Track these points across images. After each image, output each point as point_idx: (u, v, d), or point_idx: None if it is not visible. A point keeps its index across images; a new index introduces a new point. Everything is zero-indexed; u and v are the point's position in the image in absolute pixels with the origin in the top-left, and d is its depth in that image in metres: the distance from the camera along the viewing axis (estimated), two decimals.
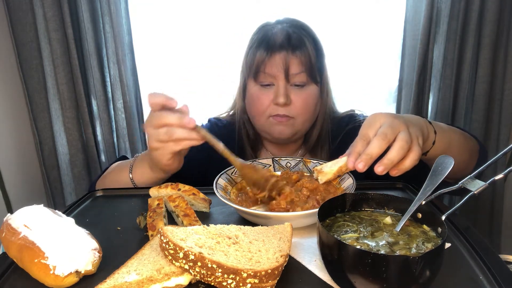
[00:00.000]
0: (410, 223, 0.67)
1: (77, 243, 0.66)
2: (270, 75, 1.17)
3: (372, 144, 0.81)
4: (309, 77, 1.17)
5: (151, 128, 0.93)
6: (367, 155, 0.81)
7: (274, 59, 1.15)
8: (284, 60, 1.14)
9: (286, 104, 1.16)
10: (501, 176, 0.65)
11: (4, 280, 0.67)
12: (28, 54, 1.70)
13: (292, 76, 1.16)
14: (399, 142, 0.81)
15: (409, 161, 0.83)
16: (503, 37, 1.56)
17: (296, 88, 1.18)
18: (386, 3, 1.71)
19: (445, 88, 1.66)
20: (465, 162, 1.08)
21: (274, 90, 1.17)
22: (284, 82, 1.16)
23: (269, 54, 1.16)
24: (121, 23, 1.65)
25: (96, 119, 1.82)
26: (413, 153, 0.84)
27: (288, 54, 1.15)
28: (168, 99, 0.91)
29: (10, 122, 1.70)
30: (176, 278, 0.62)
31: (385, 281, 0.54)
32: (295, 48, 1.15)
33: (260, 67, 1.17)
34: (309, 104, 1.20)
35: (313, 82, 1.19)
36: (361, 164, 0.81)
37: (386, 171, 0.82)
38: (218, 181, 0.91)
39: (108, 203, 0.99)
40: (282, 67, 1.14)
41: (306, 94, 1.19)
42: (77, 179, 1.83)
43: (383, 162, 0.81)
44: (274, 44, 1.16)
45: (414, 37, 1.63)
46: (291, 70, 1.15)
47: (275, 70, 1.15)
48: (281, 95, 1.15)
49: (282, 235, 0.69)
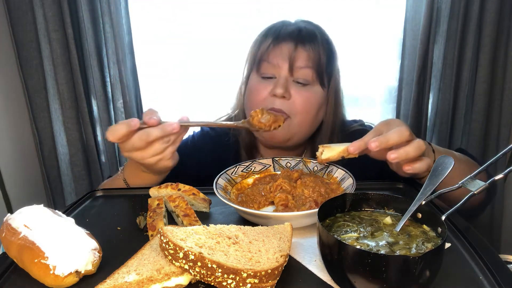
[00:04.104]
0: (410, 223, 0.67)
1: (77, 243, 0.66)
2: (273, 65, 1.10)
3: (391, 132, 0.82)
4: (315, 74, 1.10)
5: (138, 152, 0.89)
6: (384, 137, 0.81)
7: (280, 48, 1.10)
8: (290, 50, 1.08)
9: (284, 97, 1.08)
10: (501, 176, 0.65)
11: (4, 280, 0.67)
12: (28, 54, 1.70)
13: (296, 69, 1.08)
14: (416, 143, 0.82)
15: (419, 164, 0.84)
16: (503, 37, 1.56)
17: (299, 86, 1.10)
18: (386, 3, 1.71)
19: (445, 88, 1.66)
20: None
21: (275, 82, 1.10)
22: (287, 74, 1.09)
23: (275, 42, 1.10)
24: (121, 23, 1.65)
25: (96, 119, 1.82)
26: (425, 161, 0.84)
27: (296, 45, 1.08)
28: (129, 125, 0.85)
29: (10, 122, 1.70)
30: (176, 278, 0.62)
31: (385, 281, 0.54)
32: (305, 41, 1.09)
33: (264, 56, 1.11)
34: (310, 105, 1.11)
35: (318, 83, 1.12)
36: (375, 144, 0.80)
37: (397, 161, 0.82)
38: (218, 181, 0.91)
39: (108, 203, 0.99)
40: (287, 57, 1.08)
41: (309, 94, 1.11)
42: (77, 179, 1.83)
43: (398, 151, 0.81)
44: (283, 32, 1.10)
45: (414, 37, 1.63)
46: (296, 62, 1.08)
47: (279, 60, 1.09)
48: (280, 85, 1.07)
49: (282, 235, 0.69)
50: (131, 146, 0.88)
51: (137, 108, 1.82)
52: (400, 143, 0.82)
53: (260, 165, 1.03)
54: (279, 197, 0.86)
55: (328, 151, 0.89)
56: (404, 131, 0.82)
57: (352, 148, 0.85)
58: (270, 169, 1.03)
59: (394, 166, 0.95)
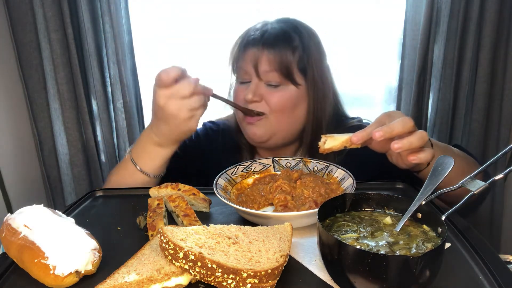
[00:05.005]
0: (410, 223, 0.67)
1: (77, 243, 0.66)
2: (245, 72, 1.15)
3: (395, 122, 0.82)
4: (282, 76, 1.11)
5: (179, 101, 0.94)
6: (388, 127, 0.81)
7: (247, 54, 1.14)
8: (254, 56, 1.11)
9: (254, 101, 1.12)
10: (501, 176, 0.65)
11: (4, 280, 0.67)
12: (28, 54, 1.70)
13: (263, 73, 1.12)
14: (419, 133, 0.83)
15: (424, 154, 0.84)
16: (503, 37, 1.56)
17: (271, 87, 1.13)
18: (386, 3, 1.71)
19: (445, 88, 1.66)
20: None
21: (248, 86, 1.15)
22: (257, 80, 1.13)
23: (242, 49, 1.15)
24: (121, 23, 1.65)
25: (96, 119, 1.82)
26: (429, 151, 0.85)
27: (258, 51, 1.11)
28: (181, 68, 0.95)
29: (10, 122, 1.70)
30: (176, 278, 0.62)
31: (385, 281, 0.54)
32: (267, 45, 1.11)
33: (237, 62, 1.17)
34: (284, 104, 1.13)
35: (290, 83, 1.13)
36: (379, 133, 0.80)
37: (401, 151, 0.82)
38: (218, 181, 0.91)
39: (108, 203, 0.99)
40: (252, 63, 1.12)
41: (281, 94, 1.13)
42: (77, 179, 1.83)
43: (402, 141, 0.81)
44: (248, 40, 1.14)
45: (414, 37, 1.63)
46: (261, 67, 1.11)
47: (247, 66, 1.13)
48: (249, 90, 1.12)
49: (282, 235, 0.69)
50: (176, 91, 0.94)
51: (137, 108, 1.82)
52: (404, 133, 0.83)
53: (260, 165, 1.03)
54: (278, 198, 0.86)
55: (330, 141, 0.89)
56: (408, 122, 0.83)
57: (355, 138, 0.85)
58: (270, 169, 1.03)
59: (394, 158, 0.95)
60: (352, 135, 0.86)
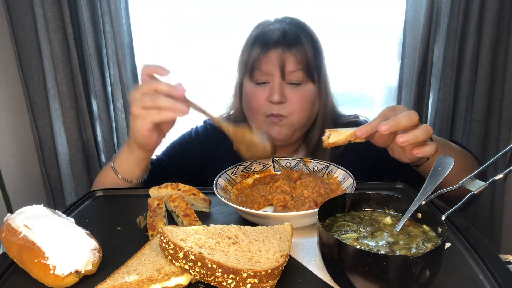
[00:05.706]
0: (410, 223, 0.67)
1: (77, 243, 0.66)
2: (265, 73, 1.14)
3: (400, 116, 0.82)
4: (306, 75, 1.14)
5: (137, 94, 0.92)
6: (394, 120, 0.81)
7: (270, 56, 1.13)
8: (279, 57, 1.12)
9: (281, 102, 1.13)
10: (501, 176, 0.65)
11: (4, 280, 0.67)
12: (28, 54, 1.70)
13: (288, 73, 1.12)
14: (424, 127, 0.83)
15: (429, 148, 0.84)
16: (503, 37, 1.56)
17: (292, 86, 1.14)
18: (386, 3, 1.71)
19: (445, 88, 1.66)
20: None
21: (269, 87, 1.14)
22: (280, 80, 1.13)
23: (264, 51, 1.13)
24: (121, 23, 1.65)
25: (96, 119, 1.82)
26: (433, 145, 0.85)
27: (284, 51, 1.12)
28: (160, 67, 0.92)
29: (10, 122, 1.70)
30: (176, 278, 0.62)
31: (385, 281, 0.54)
32: (291, 45, 1.12)
33: (255, 64, 1.15)
34: (305, 102, 1.16)
35: (310, 81, 1.16)
36: (385, 127, 0.80)
37: (406, 144, 0.82)
38: (218, 181, 0.91)
39: (108, 203, 0.99)
40: (277, 64, 1.12)
41: (302, 93, 1.15)
42: (77, 179, 1.83)
43: (407, 135, 0.81)
44: (269, 40, 1.13)
45: (414, 37, 1.63)
46: (287, 67, 1.12)
47: (271, 68, 1.13)
48: (275, 92, 1.12)
49: (282, 235, 0.69)
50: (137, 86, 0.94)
51: None
52: (409, 127, 0.83)
53: (260, 165, 1.03)
54: (277, 198, 0.86)
55: (335, 135, 0.88)
56: (413, 115, 0.83)
57: (359, 132, 0.85)
58: (270, 169, 1.03)
59: (396, 153, 0.95)
60: (356, 129, 0.86)
